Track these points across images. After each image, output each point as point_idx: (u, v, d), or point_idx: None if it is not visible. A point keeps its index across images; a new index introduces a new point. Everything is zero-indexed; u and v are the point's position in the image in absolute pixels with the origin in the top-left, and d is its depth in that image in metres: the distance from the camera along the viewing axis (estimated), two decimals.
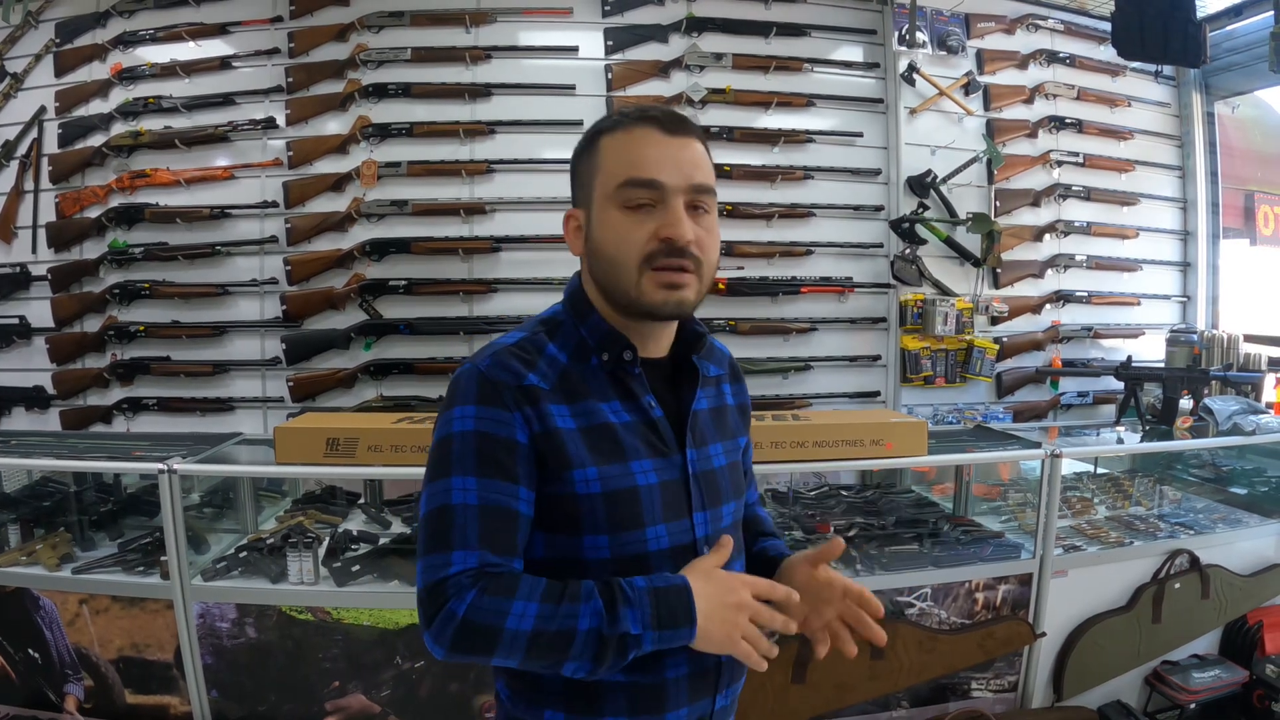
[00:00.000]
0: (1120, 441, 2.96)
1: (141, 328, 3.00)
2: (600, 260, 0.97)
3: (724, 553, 0.96)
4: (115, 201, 3.01)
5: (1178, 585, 2.51)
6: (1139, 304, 3.57)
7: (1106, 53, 3.38)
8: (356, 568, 2.14)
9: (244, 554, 2.21)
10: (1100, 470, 3.04)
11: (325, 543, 2.26)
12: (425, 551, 0.89)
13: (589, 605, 0.85)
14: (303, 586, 2.12)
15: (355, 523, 2.51)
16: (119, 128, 3.01)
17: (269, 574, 2.15)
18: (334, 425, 2.19)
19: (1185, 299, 3.69)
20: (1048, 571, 2.37)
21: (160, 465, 2.06)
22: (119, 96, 3.03)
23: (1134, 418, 3.04)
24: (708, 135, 3.04)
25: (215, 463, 2.30)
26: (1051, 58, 3.46)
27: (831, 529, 2.42)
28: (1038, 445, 2.46)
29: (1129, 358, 3.13)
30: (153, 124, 3.00)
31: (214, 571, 2.15)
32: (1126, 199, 3.55)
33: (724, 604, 0.89)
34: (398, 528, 2.46)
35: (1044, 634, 2.38)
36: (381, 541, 2.29)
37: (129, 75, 3.02)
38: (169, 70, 3.00)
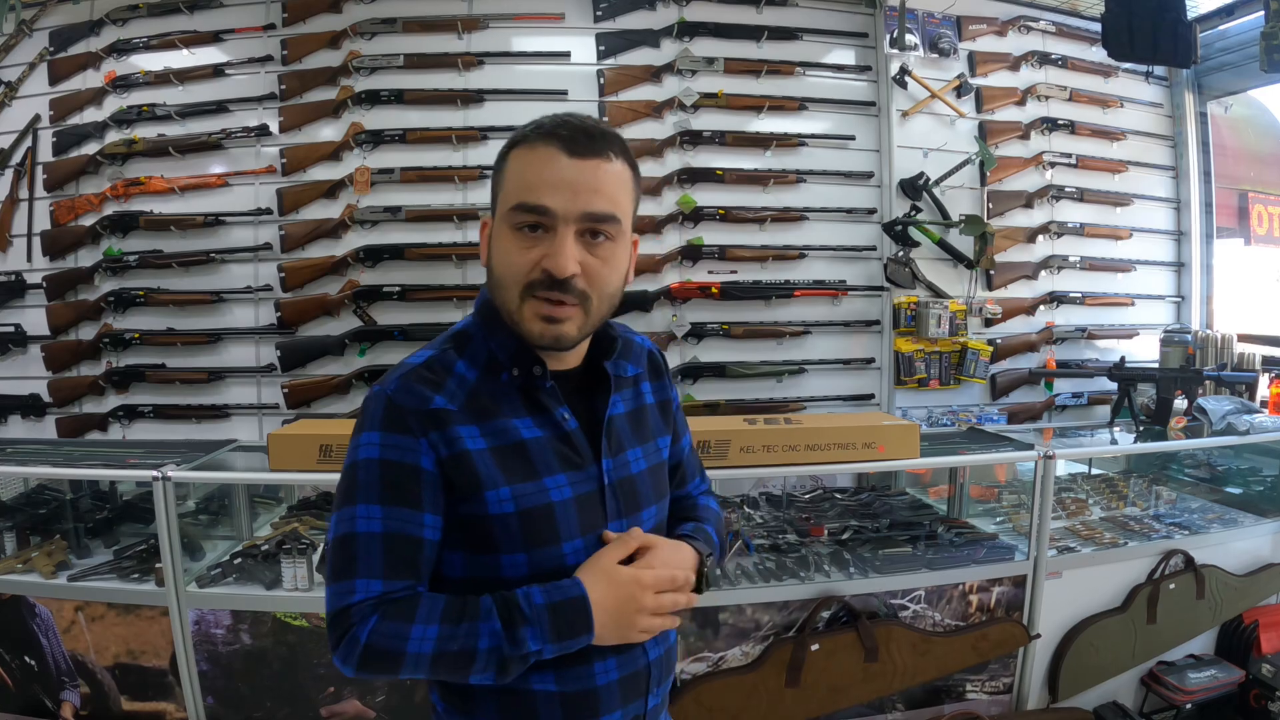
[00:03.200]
0: (1114, 442, 2.96)
1: (136, 335, 3.00)
2: (491, 277, 0.97)
3: (629, 544, 0.95)
4: (110, 209, 3.01)
5: (1173, 586, 2.52)
6: (1133, 304, 3.57)
7: (1098, 54, 3.37)
8: None
9: (239, 560, 2.22)
10: (1095, 471, 3.04)
11: (320, 549, 2.27)
12: (332, 579, 0.91)
13: (487, 625, 0.87)
14: (297, 593, 2.13)
15: None
16: (113, 135, 3.02)
17: (264, 580, 2.16)
18: (327, 432, 2.19)
19: (1179, 299, 3.69)
20: (1041, 573, 2.37)
21: (155, 473, 2.06)
22: (113, 104, 3.03)
23: (1128, 418, 3.05)
24: (699, 140, 3.08)
25: (210, 470, 2.30)
26: (1043, 59, 3.46)
27: (825, 532, 2.43)
28: (1030, 447, 2.47)
29: (1122, 358, 3.14)
30: (146, 132, 3.01)
31: (209, 578, 2.15)
32: (1120, 200, 3.56)
33: (622, 610, 0.91)
34: None
35: (1038, 635, 2.38)
36: None
37: (123, 83, 3.02)
38: (162, 78, 3.01)
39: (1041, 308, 3.46)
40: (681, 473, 1.19)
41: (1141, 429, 2.98)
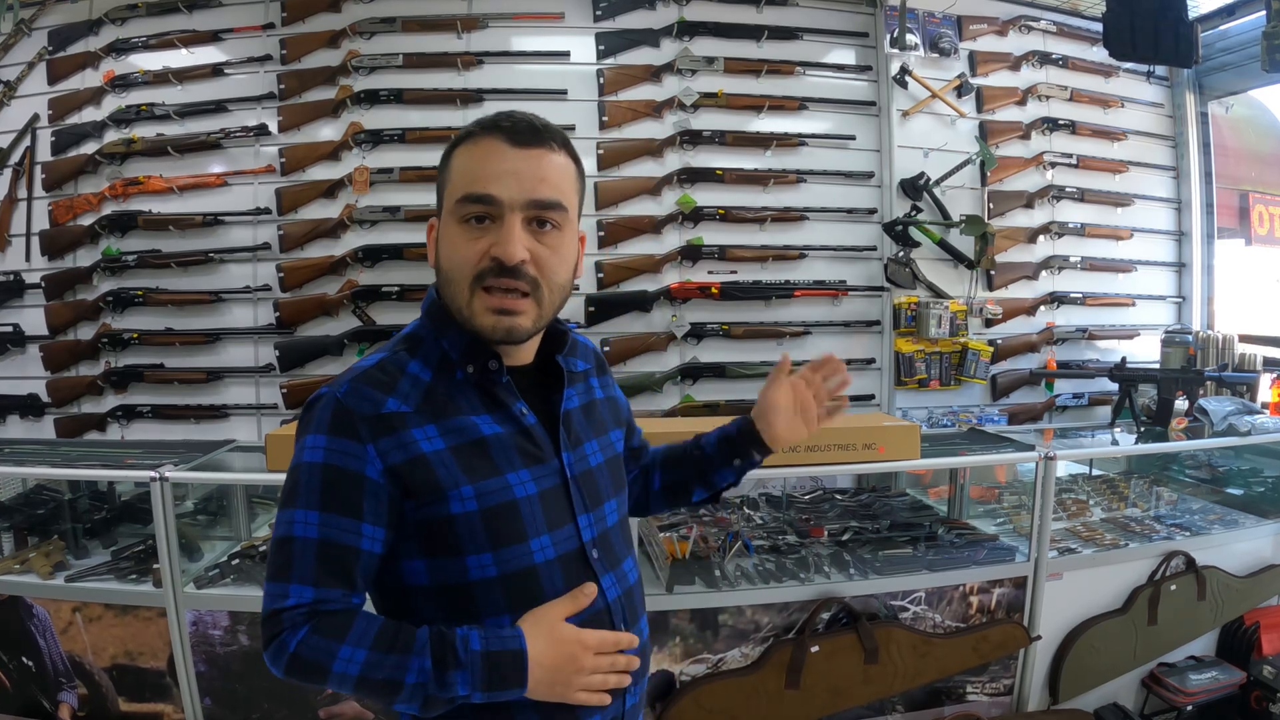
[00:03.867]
0: (1115, 443, 2.95)
1: (135, 335, 3.00)
2: (440, 274, 0.96)
3: (580, 601, 0.94)
4: (108, 209, 3.01)
5: (1174, 587, 2.51)
6: (1134, 305, 3.57)
7: (1099, 54, 3.37)
8: None
9: (237, 561, 2.21)
10: (1096, 472, 3.03)
11: None
12: (268, 578, 0.89)
13: (418, 660, 0.85)
14: None
15: None
16: (112, 135, 3.02)
17: (262, 581, 2.14)
18: None
19: (1180, 299, 3.69)
20: (1042, 574, 2.36)
21: (153, 473, 2.05)
22: (112, 104, 3.03)
23: (1129, 419, 3.04)
24: (699, 140, 3.07)
25: (208, 470, 2.29)
26: (1044, 59, 3.46)
27: (825, 533, 2.42)
28: (1031, 448, 2.46)
29: (1123, 359, 3.13)
30: (145, 131, 3.01)
31: (207, 579, 2.14)
32: (1120, 200, 3.55)
33: (559, 669, 0.89)
34: None
35: (1039, 637, 2.37)
36: None
37: (122, 83, 3.02)
38: (161, 78, 3.01)
39: (1042, 308, 3.46)
40: (644, 445, 1.29)
41: (1142, 430, 2.97)
